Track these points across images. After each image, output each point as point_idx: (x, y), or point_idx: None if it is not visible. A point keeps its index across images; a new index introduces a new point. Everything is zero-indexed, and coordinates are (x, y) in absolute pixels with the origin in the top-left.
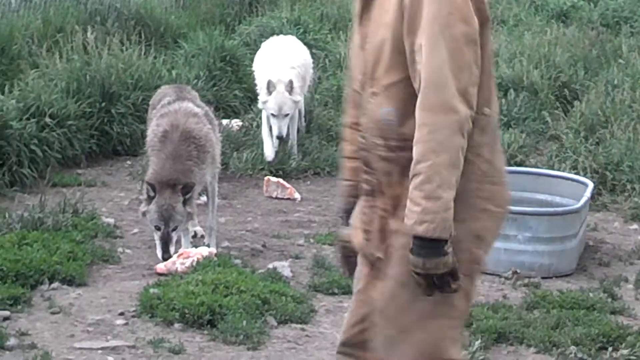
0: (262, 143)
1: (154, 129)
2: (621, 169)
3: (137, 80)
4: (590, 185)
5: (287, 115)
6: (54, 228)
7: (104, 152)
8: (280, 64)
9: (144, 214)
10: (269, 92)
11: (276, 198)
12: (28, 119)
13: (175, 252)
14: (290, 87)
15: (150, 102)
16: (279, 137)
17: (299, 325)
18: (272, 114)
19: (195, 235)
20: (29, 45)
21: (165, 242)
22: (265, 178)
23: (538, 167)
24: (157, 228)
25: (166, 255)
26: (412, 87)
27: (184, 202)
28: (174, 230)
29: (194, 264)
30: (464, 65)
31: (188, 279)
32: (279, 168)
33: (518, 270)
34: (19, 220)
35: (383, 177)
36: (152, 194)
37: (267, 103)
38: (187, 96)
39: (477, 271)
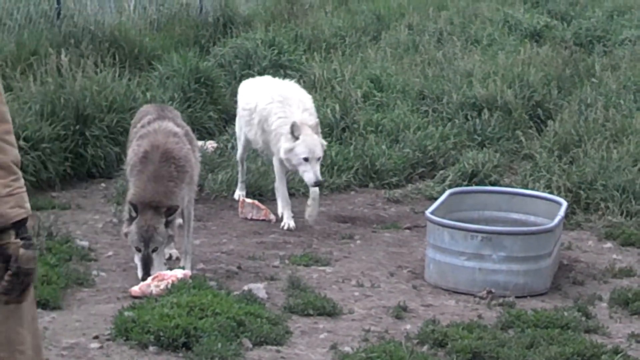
0: (278, 201)
1: (134, 149)
2: (595, 187)
3: (112, 103)
4: (564, 204)
5: (319, 158)
6: None
7: (79, 174)
8: (301, 108)
9: (125, 234)
10: (295, 137)
11: (251, 219)
12: None
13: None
14: (317, 130)
15: (132, 122)
16: (318, 184)
17: (275, 347)
18: (304, 159)
19: (170, 258)
20: (2, 68)
21: (146, 263)
22: (240, 199)
23: (512, 187)
24: (138, 249)
25: (146, 277)
26: None
27: (166, 224)
28: (154, 251)
29: (169, 286)
30: None
31: (163, 302)
32: (254, 189)
33: (493, 290)
34: None
35: None
36: (134, 214)
37: (296, 148)
38: (167, 115)
39: None
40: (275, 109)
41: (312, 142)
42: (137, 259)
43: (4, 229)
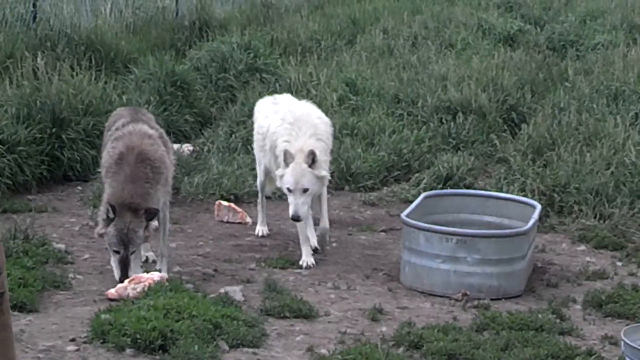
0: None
1: (109, 151)
2: (568, 190)
3: (88, 106)
4: (538, 207)
5: (305, 190)
6: (5, 254)
7: (55, 177)
8: (309, 132)
9: (101, 235)
10: (286, 165)
11: (227, 222)
12: None
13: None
14: (312, 160)
15: (106, 125)
16: (294, 218)
17: (251, 350)
18: (288, 189)
19: (146, 261)
20: None
21: (125, 265)
22: (217, 202)
23: (487, 190)
24: (116, 252)
25: (124, 279)
26: None
27: (145, 227)
28: (132, 253)
29: (146, 289)
30: None
31: (140, 304)
32: (231, 193)
33: (467, 292)
34: None
35: None
36: (111, 215)
37: (284, 177)
38: (141, 118)
39: None
40: (283, 132)
41: (298, 173)
42: (114, 261)
43: None
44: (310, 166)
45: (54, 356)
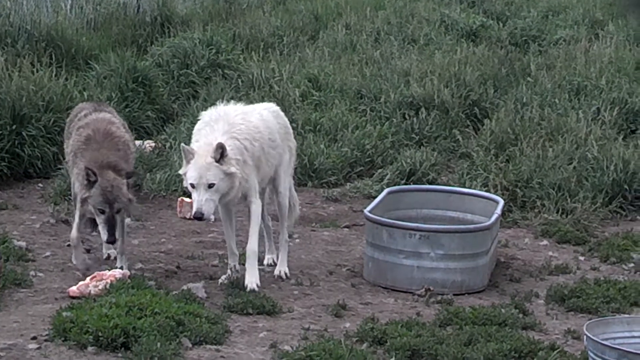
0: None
1: (75, 137)
2: (531, 185)
3: (49, 102)
4: (501, 202)
5: (211, 186)
6: None
7: (15, 174)
8: (222, 130)
9: (85, 199)
10: (187, 162)
11: (190, 219)
12: None
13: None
14: (220, 154)
15: (67, 119)
16: (197, 216)
17: (214, 347)
18: (191, 184)
19: (108, 258)
20: None
21: (111, 225)
22: (179, 199)
23: (449, 185)
24: (101, 211)
25: (112, 239)
26: None
27: (127, 187)
28: (117, 212)
29: (108, 286)
30: None
31: (101, 302)
32: None
33: (431, 288)
34: None
35: None
36: (92, 178)
37: (187, 173)
38: (104, 109)
39: None
40: (195, 132)
41: (202, 166)
42: (100, 221)
43: None
44: (218, 161)
45: (16, 354)
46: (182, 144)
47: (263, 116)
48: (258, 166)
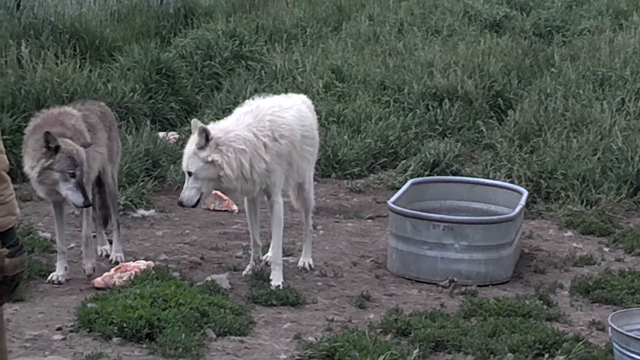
0: None
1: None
2: (555, 176)
3: (73, 94)
4: (525, 193)
5: (190, 174)
6: None
7: None
8: (242, 122)
9: (48, 167)
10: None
11: (214, 210)
12: None
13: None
14: (204, 139)
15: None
16: (179, 203)
17: (238, 337)
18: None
19: (102, 255)
20: None
21: (82, 188)
22: None
23: (473, 176)
24: (72, 174)
25: (87, 202)
26: None
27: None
28: (83, 178)
29: (132, 277)
30: None
31: (126, 293)
32: None
33: (455, 279)
34: None
35: None
36: (53, 143)
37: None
38: (76, 106)
39: None
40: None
41: (185, 152)
42: (70, 187)
43: None
44: (203, 147)
45: (41, 345)
46: (195, 119)
47: (301, 112)
48: (290, 163)
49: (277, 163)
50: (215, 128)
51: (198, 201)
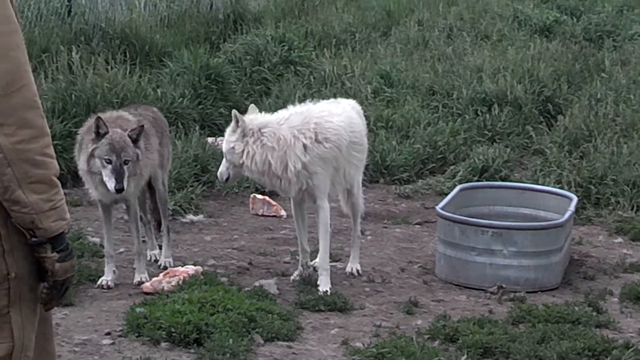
0: None
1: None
2: (605, 182)
3: (123, 100)
4: (575, 199)
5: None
6: None
7: None
8: (289, 122)
9: (91, 155)
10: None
11: (262, 215)
12: None
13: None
14: (235, 126)
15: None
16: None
17: (286, 343)
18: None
19: (151, 260)
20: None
21: (119, 173)
22: (252, 195)
23: (523, 182)
24: (108, 161)
25: (119, 186)
26: None
27: (135, 142)
28: (125, 164)
29: (180, 282)
30: None
31: (174, 298)
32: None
33: (503, 285)
34: None
35: None
36: (103, 129)
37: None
38: (129, 110)
39: None
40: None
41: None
42: (107, 172)
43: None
44: (232, 132)
45: (90, 350)
46: (234, 110)
47: (351, 119)
48: (336, 168)
49: (320, 166)
50: (254, 120)
51: (227, 179)
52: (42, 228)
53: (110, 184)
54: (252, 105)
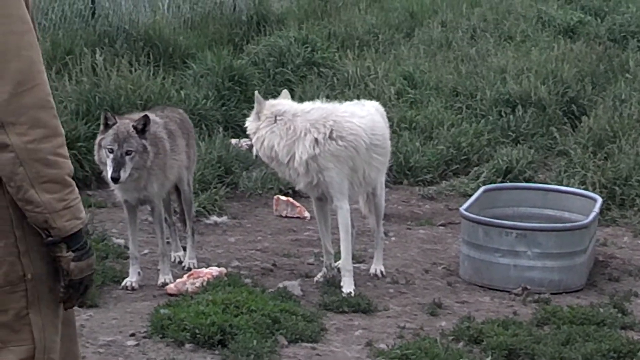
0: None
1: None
2: (630, 183)
3: (146, 101)
4: (599, 200)
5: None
6: None
7: None
8: (308, 117)
9: (99, 144)
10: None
11: (286, 217)
12: None
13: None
14: (257, 107)
15: None
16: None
17: (310, 344)
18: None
19: (175, 261)
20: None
21: (118, 162)
22: (275, 197)
23: (547, 183)
24: (110, 150)
25: (115, 175)
26: None
27: (142, 132)
28: (127, 154)
29: (204, 283)
30: None
31: (198, 299)
32: (289, 187)
33: (528, 287)
34: None
35: None
36: (111, 121)
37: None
38: (155, 112)
39: None
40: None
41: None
42: (109, 162)
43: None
44: (253, 113)
45: (114, 351)
46: (256, 92)
47: (374, 121)
48: (353, 169)
49: (332, 162)
50: (274, 106)
51: (257, 156)
52: (56, 227)
53: (109, 172)
54: (285, 91)
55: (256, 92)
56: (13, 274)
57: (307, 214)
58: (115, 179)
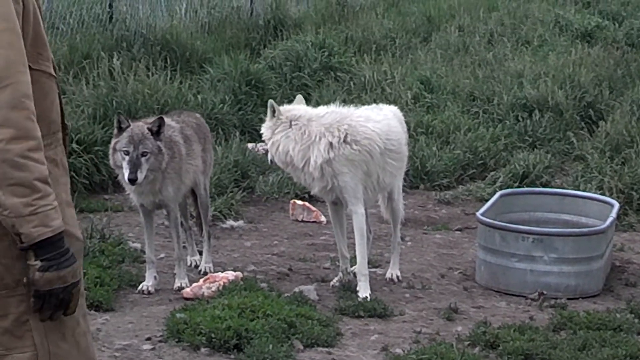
0: None
1: None
2: None
3: (163, 106)
4: (616, 205)
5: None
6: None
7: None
8: (322, 121)
9: (114, 147)
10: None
11: (302, 221)
12: None
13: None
14: (271, 114)
15: None
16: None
17: (326, 349)
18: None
19: (191, 265)
20: (55, 72)
21: (134, 164)
22: (291, 201)
23: (563, 188)
24: (126, 152)
25: (132, 176)
26: None
27: (157, 133)
28: (143, 155)
29: (220, 288)
30: None
31: (214, 303)
32: (305, 191)
33: (544, 292)
34: None
35: None
36: (124, 124)
37: None
38: (171, 116)
39: None
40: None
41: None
42: (124, 164)
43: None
44: (268, 119)
45: (130, 355)
46: (271, 100)
47: (390, 126)
48: (367, 174)
49: (346, 166)
50: (289, 111)
51: (272, 161)
52: (22, 233)
53: (125, 173)
54: (300, 96)
55: (270, 101)
56: (8, 277)
57: (323, 219)
58: (133, 180)
